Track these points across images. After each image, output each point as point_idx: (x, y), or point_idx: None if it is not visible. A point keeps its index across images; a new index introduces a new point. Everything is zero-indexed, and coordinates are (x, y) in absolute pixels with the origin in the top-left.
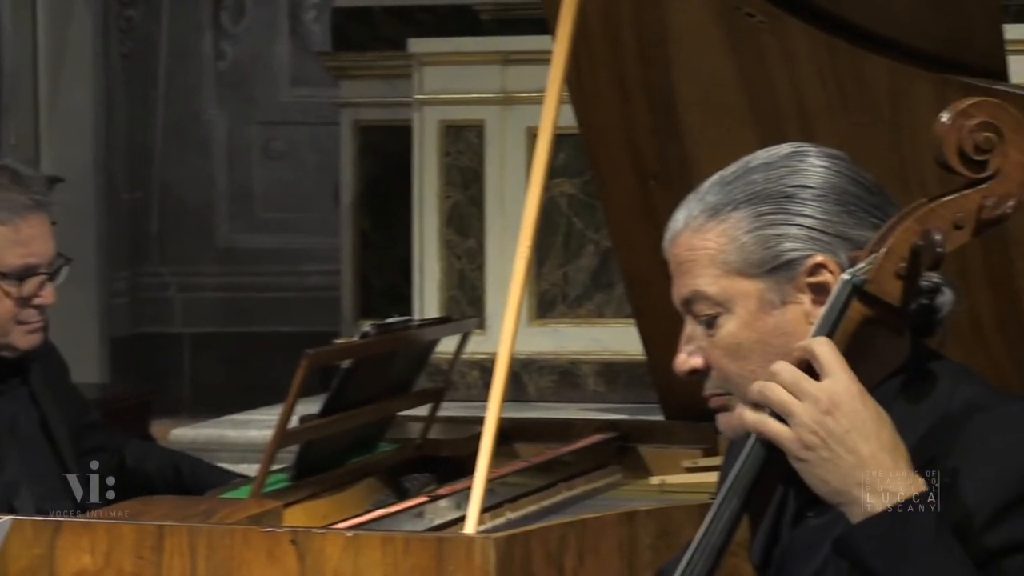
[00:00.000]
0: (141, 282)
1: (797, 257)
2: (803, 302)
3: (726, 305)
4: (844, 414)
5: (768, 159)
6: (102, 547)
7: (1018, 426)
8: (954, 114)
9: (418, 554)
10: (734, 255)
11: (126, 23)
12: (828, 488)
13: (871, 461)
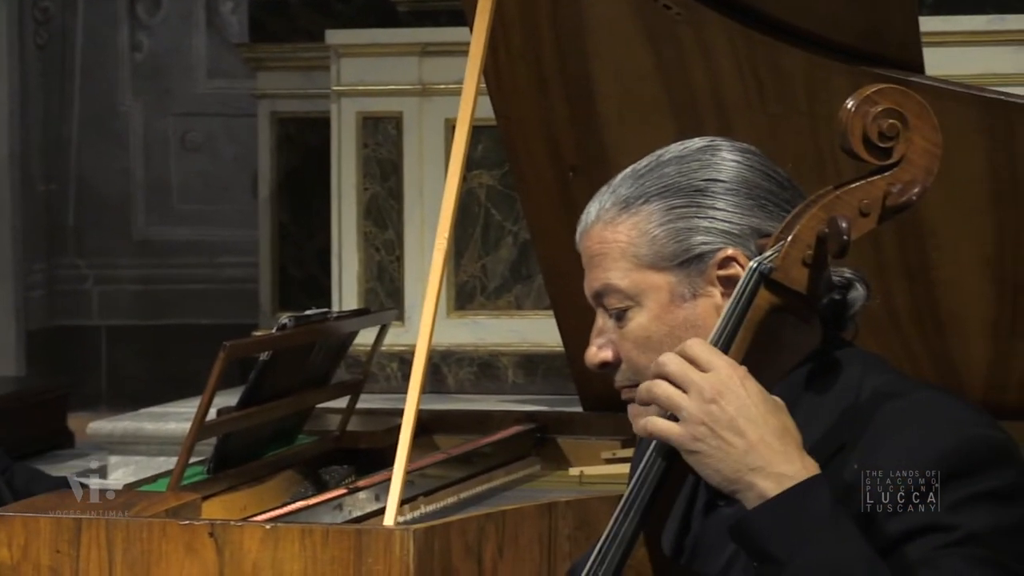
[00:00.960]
0: (57, 275)
1: (708, 250)
2: (714, 295)
3: (637, 298)
4: (728, 401)
5: (680, 153)
6: (19, 540)
7: (926, 415)
8: (858, 101)
9: (337, 546)
10: (645, 248)
11: (41, 14)
12: (721, 477)
13: (760, 445)
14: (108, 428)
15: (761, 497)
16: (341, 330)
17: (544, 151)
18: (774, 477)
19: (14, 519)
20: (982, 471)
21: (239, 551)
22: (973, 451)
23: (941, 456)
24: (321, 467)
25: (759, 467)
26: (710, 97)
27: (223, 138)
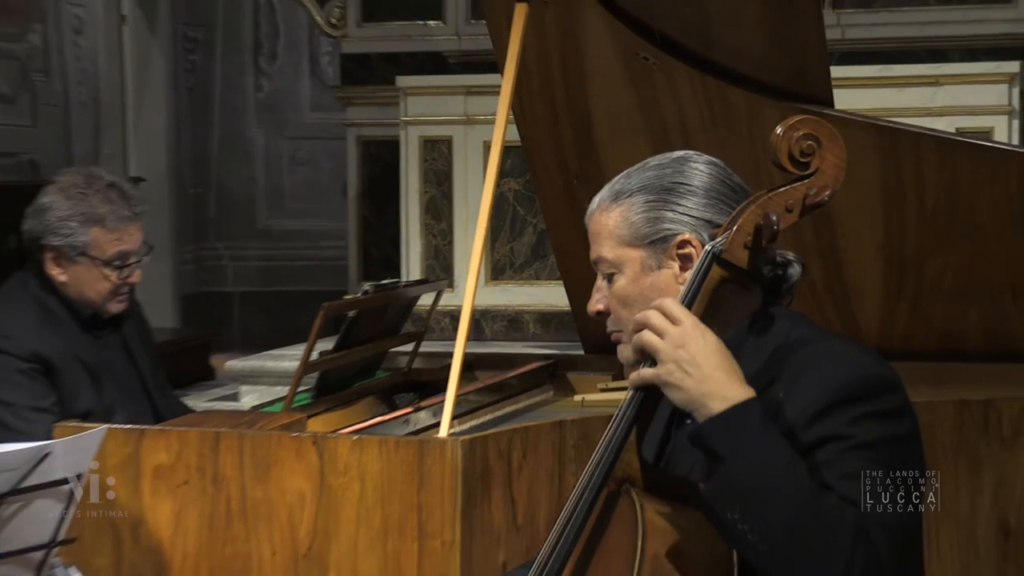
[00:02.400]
0: (202, 254)
1: (670, 234)
2: (673, 268)
3: (619, 267)
4: (691, 346)
5: (660, 161)
6: (175, 448)
7: (833, 356)
8: (785, 128)
9: (405, 451)
10: (625, 230)
11: (190, 64)
12: (685, 401)
13: (711, 378)
14: (239, 366)
15: (711, 413)
16: (407, 295)
17: (555, 164)
18: (720, 399)
19: (171, 432)
20: (872, 397)
21: (334, 455)
22: (866, 382)
23: (841, 385)
24: (393, 394)
25: (710, 392)
26: (676, 124)
27: (322, 156)
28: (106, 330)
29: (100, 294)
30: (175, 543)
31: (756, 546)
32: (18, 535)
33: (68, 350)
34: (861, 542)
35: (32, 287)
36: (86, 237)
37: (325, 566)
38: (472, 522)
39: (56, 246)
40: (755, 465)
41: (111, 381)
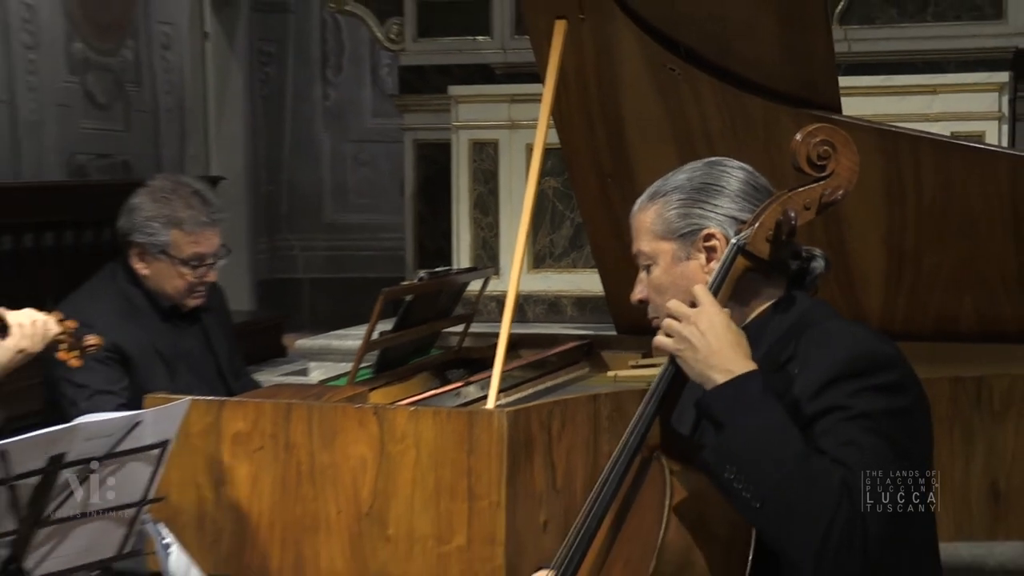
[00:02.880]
0: (275, 245)
1: (696, 228)
2: (699, 259)
3: (654, 258)
4: (701, 325)
5: (694, 165)
6: (251, 417)
7: (839, 335)
8: (804, 134)
9: (456, 421)
10: (659, 225)
11: (264, 76)
12: (695, 372)
13: (718, 353)
14: (308, 344)
15: (715, 384)
16: (458, 281)
17: (590, 165)
18: (723, 372)
19: (248, 403)
20: (873, 372)
21: (393, 425)
22: (867, 358)
23: (845, 361)
24: (445, 370)
25: (715, 365)
26: (700, 129)
27: (382, 157)
28: (185, 321)
29: (177, 290)
30: (251, 502)
31: (750, 503)
32: (115, 494)
33: (146, 341)
34: (845, 500)
35: (120, 279)
36: (166, 237)
37: (384, 524)
38: (516, 485)
39: (140, 243)
40: (750, 431)
41: (187, 368)
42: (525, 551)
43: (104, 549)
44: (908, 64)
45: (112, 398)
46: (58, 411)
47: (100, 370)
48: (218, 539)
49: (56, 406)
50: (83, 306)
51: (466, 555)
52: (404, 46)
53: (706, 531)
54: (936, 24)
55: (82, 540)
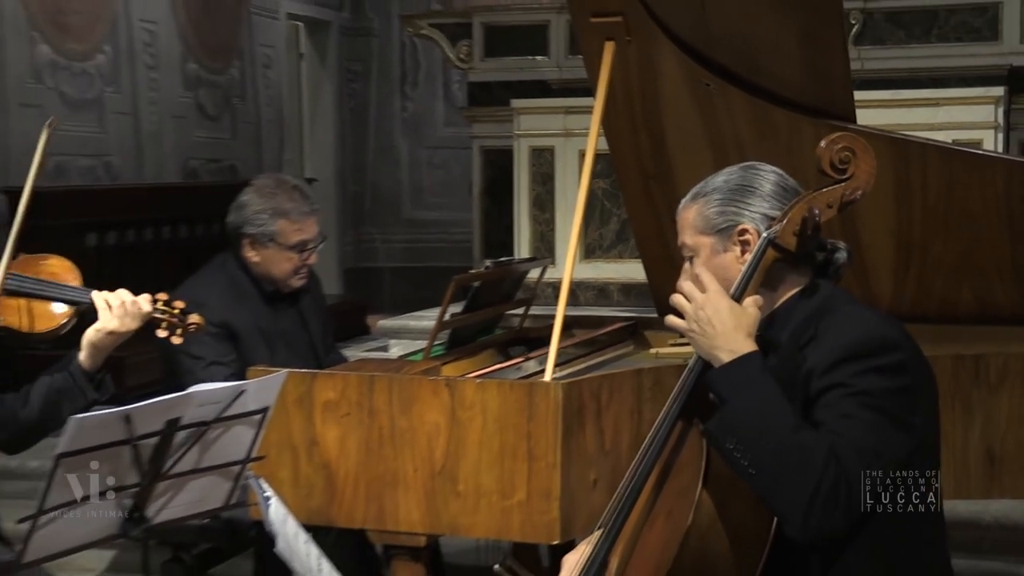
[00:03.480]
0: (360, 237)
1: (732, 224)
2: (735, 251)
3: (696, 251)
4: (708, 309)
5: (731, 169)
6: (339, 386)
7: (850, 319)
8: (828, 142)
9: (518, 392)
10: (700, 222)
11: (351, 91)
12: (703, 352)
13: (723, 335)
14: (388, 324)
15: (720, 362)
16: (519, 270)
17: (635, 168)
18: (728, 352)
19: (337, 375)
20: (877, 354)
21: (462, 395)
22: (871, 341)
23: (851, 344)
24: (508, 347)
25: (720, 346)
26: (731, 137)
27: (453, 161)
28: (284, 303)
29: (284, 272)
30: (339, 461)
31: (747, 469)
32: (221, 453)
33: (250, 320)
34: (832, 467)
35: (228, 266)
36: (274, 227)
37: (455, 481)
38: (570, 447)
39: (252, 234)
40: (748, 407)
41: (284, 345)
42: (577, 505)
43: (213, 500)
44: (915, 80)
45: (223, 368)
46: (176, 379)
47: (213, 344)
48: (310, 493)
49: (174, 375)
50: (198, 289)
51: (525, 508)
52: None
53: (737, 487)
54: (939, 45)
55: (195, 492)
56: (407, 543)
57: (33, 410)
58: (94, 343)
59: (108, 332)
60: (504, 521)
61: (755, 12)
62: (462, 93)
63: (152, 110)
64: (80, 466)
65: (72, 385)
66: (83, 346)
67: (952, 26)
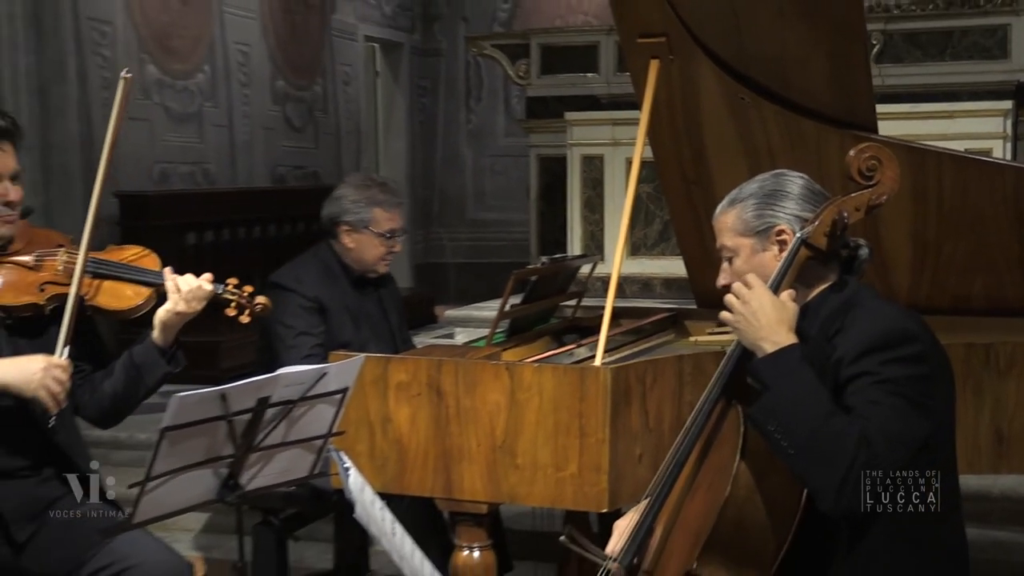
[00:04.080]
0: (429, 236)
1: (771, 225)
2: (773, 250)
3: (736, 251)
4: (753, 303)
5: (763, 176)
6: (411, 369)
7: (873, 313)
8: (856, 151)
9: (571, 375)
10: (739, 225)
11: (421, 105)
12: (748, 343)
13: (766, 327)
14: (454, 314)
15: (763, 352)
16: (572, 265)
17: (677, 174)
18: (771, 343)
19: (408, 359)
20: (899, 345)
21: (520, 377)
22: (896, 334)
23: (875, 336)
24: (562, 335)
25: (764, 337)
26: (764, 146)
27: (512, 168)
28: (368, 288)
29: (374, 258)
30: (410, 436)
31: (787, 450)
32: (306, 429)
33: (339, 298)
34: (864, 448)
35: (323, 253)
36: (369, 215)
37: (514, 455)
38: (617, 425)
39: (349, 221)
40: (789, 393)
41: (367, 325)
42: (624, 478)
43: (299, 470)
44: (930, 94)
45: (311, 339)
46: (270, 347)
47: (305, 316)
48: (384, 465)
49: (269, 344)
50: (296, 269)
51: (577, 480)
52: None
53: (772, 463)
54: (953, 63)
55: (282, 463)
56: (471, 510)
57: (117, 384)
58: (164, 321)
59: (176, 312)
60: (558, 491)
61: (786, 33)
62: (521, 107)
63: (245, 122)
64: (182, 439)
65: (148, 360)
66: (155, 325)
67: (964, 46)
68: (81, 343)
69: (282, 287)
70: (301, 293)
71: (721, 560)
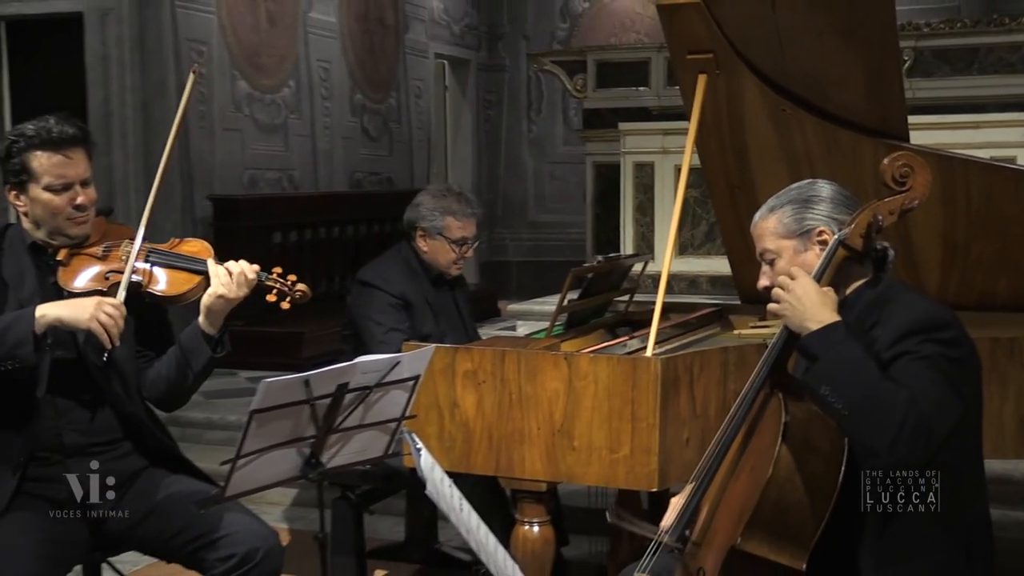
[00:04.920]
0: (493, 237)
1: (812, 228)
2: (814, 250)
3: (779, 253)
4: (798, 291)
5: (798, 185)
6: (477, 359)
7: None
8: (890, 159)
9: (624, 365)
10: (781, 229)
11: (487, 117)
12: (795, 326)
13: (811, 308)
14: (516, 308)
15: (809, 331)
16: (624, 263)
17: (722, 179)
18: (816, 322)
19: (474, 349)
20: (936, 329)
21: (578, 367)
22: (932, 319)
23: (914, 321)
24: (615, 328)
25: (809, 318)
26: (803, 154)
27: (570, 174)
28: (444, 287)
29: (446, 262)
30: (476, 420)
31: (840, 411)
32: (381, 412)
33: (420, 294)
34: (912, 409)
35: (404, 252)
36: (443, 223)
37: (571, 437)
38: (666, 411)
39: (424, 227)
40: (838, 360)
41: (444, 318)
42: (672, 460)
43: (375, 450)
44: (958, 106)
45: (399, 334)
46: (358, 339)
47: (393, 313)
48: (452, 446)
49: (358, 335)
50: (382, 268)
51: (629, 461)
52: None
53: (811, 446)
54: (979, 76)
55: (360, 443)
56: (531, 488)
57: (170, 368)
58: (208, 306)
59: (219, 296)
60: (611, 471)
61: (825, 51)
62: (578, 118)
63: (326, 133)
64: (269, 420)
65: (194, 345)
66: (200, 310)
67: (990, 61)
68: (147, 331)
69: (371, 285)
70: (388, 291)
71: (763, 536)
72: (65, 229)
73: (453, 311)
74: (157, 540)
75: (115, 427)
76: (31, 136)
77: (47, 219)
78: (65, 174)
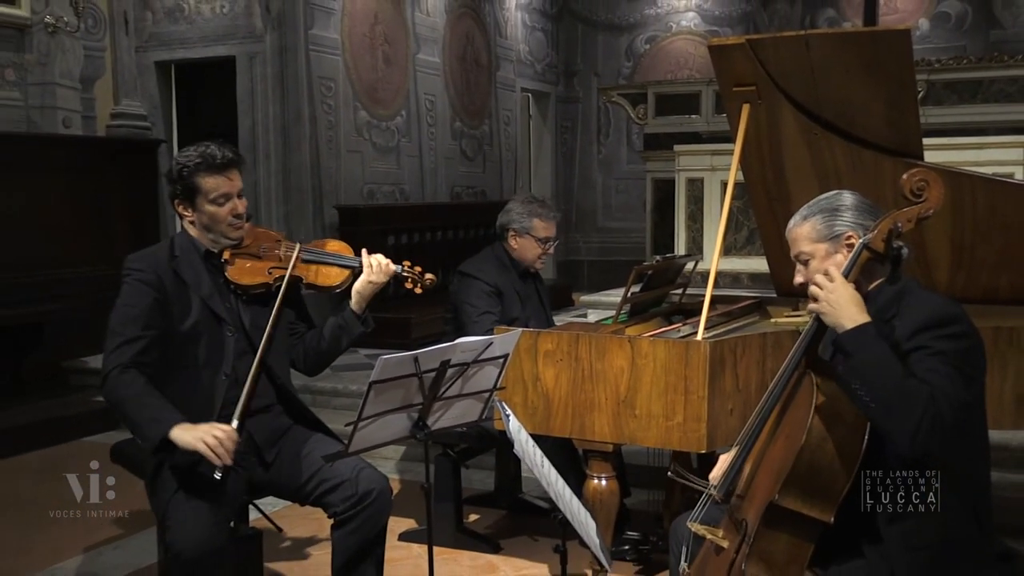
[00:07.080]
0: (568, 240)
1: (841, 232)
2: (843, 252)
3: (812, 255)
4: (834, 292)
5: (827, 195)
6: (555, 340)
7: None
8: (908, 175)
9: (678, 348)
10: (814, 234)
11: (564, 140)
12: (830, 322)
13: (845, 309)
14: (587, 299)
15: (844, 329)
16: (678, 262)
17: (762, 192)
18: (850, 321)
19: (553, 333)
20: (947, 324)
21: (640, 348)
22: (943, 315)
23: (927, 317)
24: (671, 316)
25: (844, 316)
26: (832, 170)
27: (632, 189)
28: (530, 280)
29: (533, 256)
30: (554, 392)
31: (868, 403)
32: (477, 384)
33: (510, 284)
34: (932, 405)
35: (497, 250)
36: (530, 224)
37: (634, 407)
38: (714, 386)
39: (515, 228)
40: (869, 357)
41: (529, 306)
42: (718, 427)
43: (471, 415)
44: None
45: (491, 317)
46: (459, 321)
47: (487, 299)
48: (535, 412)
49: (458, 318)
50: (479, 263)
51: (682, 428)
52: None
53: (838, 418)
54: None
55: (459, 410)
56: (600, 448)
57: (325, 341)
58: (359, 291)
59: (369, 282)
60: (667, 436)
61: (851, 83)
62: (639, 141)
63: (431, 154)
64: (384, 390)
65: (348, 322)
66: (352, 295)
67: (992, 92)
68: (299, 311)
69: (470, 275)
70: (484, 280)
71: (797, 493)
72: (227, 234)
73: (536, 300)
74: (293, 486)
75: (271, 394)
76: (199, 161)
77: (212, 226)
78: (227, 191)
